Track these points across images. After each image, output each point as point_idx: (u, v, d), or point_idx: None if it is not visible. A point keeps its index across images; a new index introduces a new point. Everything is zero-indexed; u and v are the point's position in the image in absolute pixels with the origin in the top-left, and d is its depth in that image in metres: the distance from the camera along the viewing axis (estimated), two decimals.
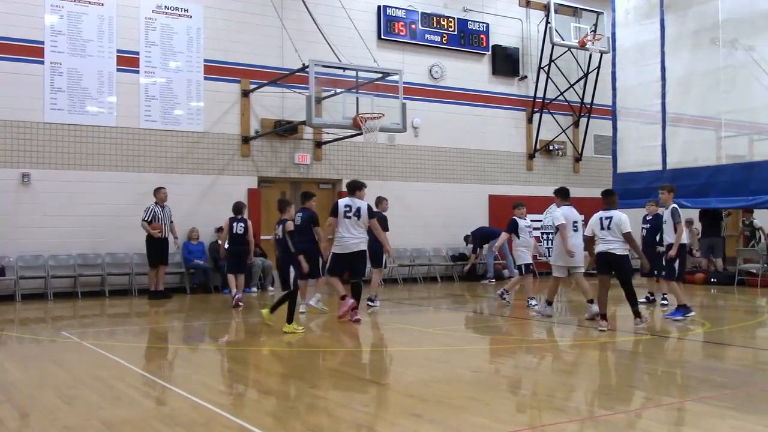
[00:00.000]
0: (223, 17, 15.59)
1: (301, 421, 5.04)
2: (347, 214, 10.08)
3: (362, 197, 10.39)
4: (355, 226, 10.09)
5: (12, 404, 5.48)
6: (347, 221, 10.08)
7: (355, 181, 10.64)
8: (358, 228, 10.12)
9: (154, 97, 14.83)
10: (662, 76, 16.33)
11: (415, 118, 17.32)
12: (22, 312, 12.07)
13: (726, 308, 12.34)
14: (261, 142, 15.87)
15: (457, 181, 18.21)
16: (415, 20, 17.76)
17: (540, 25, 19.42)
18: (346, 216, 10.08)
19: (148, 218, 13.23)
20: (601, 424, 4.95)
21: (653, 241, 11.69)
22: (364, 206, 10.21)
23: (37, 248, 13.59)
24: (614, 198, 9.44)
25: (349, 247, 10.08)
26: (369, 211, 10.25)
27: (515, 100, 19.42)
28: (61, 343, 8.60)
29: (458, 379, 6.51)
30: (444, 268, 17.96)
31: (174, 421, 4.99)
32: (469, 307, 12.60)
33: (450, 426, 4.81)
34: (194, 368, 7.46)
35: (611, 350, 8.27)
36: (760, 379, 6.61)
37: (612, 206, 9.26)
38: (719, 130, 15.42)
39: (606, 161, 19.36)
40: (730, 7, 15.20)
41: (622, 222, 9.01)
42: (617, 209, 9.25)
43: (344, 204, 10.18)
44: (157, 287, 13.35)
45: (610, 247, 9.06)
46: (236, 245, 12.34)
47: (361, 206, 10.17)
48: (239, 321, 10.87)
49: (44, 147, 13.76)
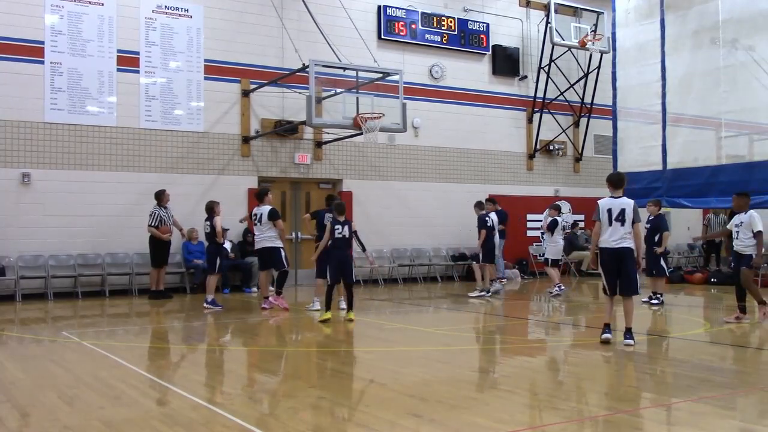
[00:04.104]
0: (223, 17, 15.59)
1: (301, 421, 5.04)
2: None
3: (270, 203, 11.66)
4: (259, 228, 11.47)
5: (12, 404, 5.48)
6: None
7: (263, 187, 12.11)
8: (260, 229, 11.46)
9: (155, 97, 14.83)
10: (662, 76, 16.32)
11: (415, 118, 17.32)
12: (22, 312, 12.07)
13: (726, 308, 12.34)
14: (261, 142, 15.87)
15: (457, 181, 18.20)
16: (415, 20, 17.76)
17: (540, 25, 19.42)
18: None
19: (155, 223, 13.20)
20: (601, 424, 4.95)
21: (653, 241, 11.82)
22: (265, 211, 11.43)
23: (37, 248, 13.59)
24: (746, 200, 9.86)
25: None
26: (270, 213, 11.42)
27: (515, 100, 19.42)
28: (61, 343, 8.60)
29: (458, 379, 6.51)
30: (444, 268, 17.96)
31: (174, 421, 5.00)
32: (469, 307, 12.60)
33: (450, 426, 4.81)
34: (194, 368, 7.47)
35: (611, 350, 8.27)
36: (760, 379, 6.61)
37: (741, 209, 9.75)
38: (719, 130, 15.41)
39: (606, 161, 19.34)
40: (730, 7, 15.18)
41: (753, 221, 9.58)
42: (747, 211, 9.72)
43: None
44: (157, 287, 13.35)
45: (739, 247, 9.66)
46: (208, 244, 12.29)
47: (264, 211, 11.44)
48: (239, 321, 10.87)
49: (44, 147, 13.76)
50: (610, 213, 7.88)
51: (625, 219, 7.81)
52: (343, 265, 10.03)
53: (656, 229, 11.99)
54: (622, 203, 7.89)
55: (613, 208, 7.88)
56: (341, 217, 10.09)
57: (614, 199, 7.97)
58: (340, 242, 10.03)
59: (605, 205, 7.95)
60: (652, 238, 11.97)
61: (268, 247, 11.50)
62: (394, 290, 15.67)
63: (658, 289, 12.02)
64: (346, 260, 10.10)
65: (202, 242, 14.89)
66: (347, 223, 10.11)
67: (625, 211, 7.82)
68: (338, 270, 10.03)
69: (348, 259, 10.17)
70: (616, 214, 7.84)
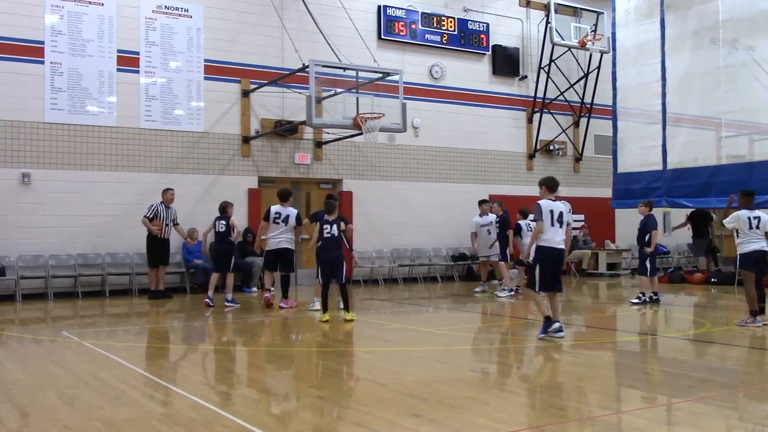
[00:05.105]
0: (223, 17, 15.59)
1: (301, 421, 5.04)
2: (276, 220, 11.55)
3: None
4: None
5: (12, 404, 5.48)
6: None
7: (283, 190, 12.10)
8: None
9: (155, 97, 14.83)
10: (662, 76, 16.33)
11: (415, 118, 17.32)
12: (22, 312, 12.07)
13: (726, 308, 12.34)
14: (261, 142, 15.87)
15: (457, 181, 18.20)
16: (415, 20, 17.76)
17: (540, 25, 19.42)
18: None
19: (150, 215, 13.21)
20: (601, 424, 4.95)
21: (643, 241, 11.93)
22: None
23: (37, 248, 13.59)
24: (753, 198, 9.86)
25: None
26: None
27: (515, 100, 19.42)
28: (61, 343, 8.60)
29: (458, 379, 6.51)
30: (444, 268, 17.96)
31: (174, 421, 5.00)
32: (469, 307, 12.60)
33: (450, 426, 4.81)
34: (194, 368, 7.47)
35: (611, 350, 8.27)
36: (760, 379, 6.61)
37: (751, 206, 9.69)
38: (719, 130, 15.42)
39: (606, 161, 19.37)
40: (730, 7, 15.19)
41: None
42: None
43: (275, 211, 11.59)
44: (157, 287, 13.34)
45: (763, 245, 9.47)
46: (219, 243, 12.39)
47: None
48: (239, 321, 10.87)
49: (44, 147, 13.76)
50: (552, 214, 8.26)
51: (562, 221, 8.27)
52: (333, 265, 9.93)
53: (646, 229, 12.04)
54: (560, 206, 8.36)
55: (554, 210, 8.27)
56: (331, 216, 10.00)
57: (553, 201, 8.37)
58: (329, 242, 9.91)
59: (547, 206, 8.35)
60: (642, 239, 12.04)
61: (287, 248, 11.62)
62: (394, 290, 15.67)
63: (643, 288, 12.09)
64: (336, 260, 9.96)
65: (201, 242, 14.90)
66: (336, 222, 9.98)
67: (563, 214, 8.28)
68: (328, 270, 9.96)
69: (338, 259, 10.00)
70: (557, 216, 8.25)
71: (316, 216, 11.57)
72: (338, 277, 10.00)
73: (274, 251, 11.63)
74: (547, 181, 8.57)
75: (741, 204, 9.84)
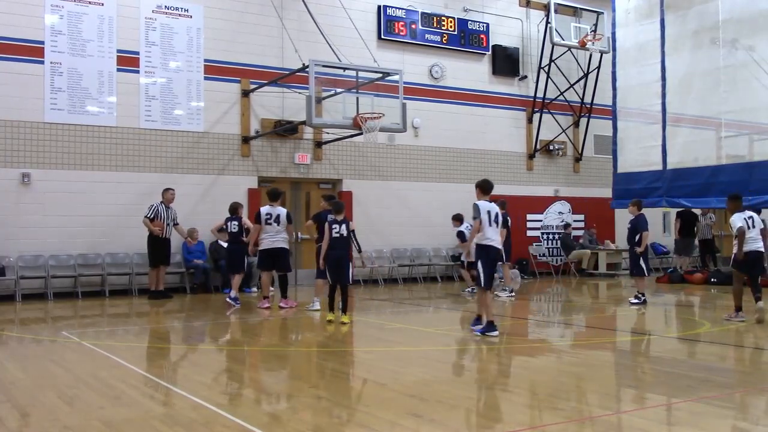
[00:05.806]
0: (223, 17, 15.59)
1: (301, 421, 5.04)
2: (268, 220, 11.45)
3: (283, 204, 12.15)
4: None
5: (12, 404, 5.48)
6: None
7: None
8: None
9: (154, 97, 14.83)
10: (662, 76, 16.33)
11: (415, 118, 17.32)
12: (22, 312, 12.07)
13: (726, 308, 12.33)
14: (261, 142, 15.87)
15: (457, 181, 18.19)
16: (415, 20, 17.76)
17: (540, 25, 19.42)
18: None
19: (150, 215, 13.22)
20: (601, 424, 4.95)
21: (633, 241, 11.94)
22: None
23: (37, 248, 13.60)
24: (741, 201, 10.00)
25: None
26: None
27: (515, 100, 19.43)
28: (61, 343, 8.60)
29: (458, 379, 6.51)
30: (444, 268, 17.96)
31: (174, 421, 4.99)
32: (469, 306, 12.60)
33: (450, 426, 4.81)
34: (194, 368, 7.47)
35: (611, 350, 8.27)
36: (760, 379, 6.61)
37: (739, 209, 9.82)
38: (719, 130, 15.42)
39: (606, 161, 19.37)
40: (730, 7, 15.19)
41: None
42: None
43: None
44: (157, 287, 13.35)
45: (759, 245, 9.62)
46: (231, 244, 12.60)
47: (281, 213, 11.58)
48: (239, 321, 10.87)
49: (44, 147, 13.76)
50: (489, 214, 8.53)
51: (498, 221, 8.60)
52: (341, 265, 9.94)
53: (636, 229, 12.03)
54: (494, 207, 8.61)
55: (491, 211, 8.55)
56: (339, 216, 10.03)
57: (489, 202, 8.65)
58: (338, 242, 9.94)
59: (485, 206, 8.55)
60: (632, 239, 12.03)
61: (282, 248, 11.61)
62: (394, 290, 15.67)
63: (640, 288, 12.08)
64: (344, 261, 9.99)
65: (201, 242, 14.93)
66: (345, 222, 10.03)
67: (498, 215, 8.59)
68: (336, 270, 9.96)
69: (346, 259, 10.06)
70: (494, 216, 8.54)
71: (318, 217, 11.49)
72: (345, 278, 10.01)
73: (268, 250, 11.58)
74: (481, 183, 8.86)
75: (731, 209, 9.90)
